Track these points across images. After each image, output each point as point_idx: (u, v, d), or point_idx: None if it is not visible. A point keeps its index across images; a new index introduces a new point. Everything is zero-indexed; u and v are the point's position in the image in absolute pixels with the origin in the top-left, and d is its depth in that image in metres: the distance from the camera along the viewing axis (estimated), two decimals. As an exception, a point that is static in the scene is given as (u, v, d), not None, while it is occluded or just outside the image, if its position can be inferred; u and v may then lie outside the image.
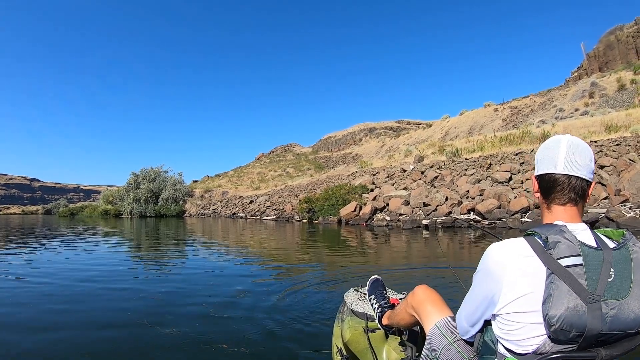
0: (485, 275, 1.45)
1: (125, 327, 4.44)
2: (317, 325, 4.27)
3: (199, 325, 4.38)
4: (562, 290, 1.25)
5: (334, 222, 20.95)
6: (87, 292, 6.30)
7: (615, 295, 1.26)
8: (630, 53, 55.04)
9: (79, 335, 4.19)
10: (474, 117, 54.92)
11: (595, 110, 35.84)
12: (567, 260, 1.29)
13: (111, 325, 4.52)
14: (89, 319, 4.79)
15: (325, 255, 10.25)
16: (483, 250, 1.50)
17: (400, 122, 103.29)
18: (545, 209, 1.56)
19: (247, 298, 5.59)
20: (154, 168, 57.48)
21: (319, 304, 5.18)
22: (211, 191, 59.12)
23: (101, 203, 60.43)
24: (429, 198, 17.72)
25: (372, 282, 2.83)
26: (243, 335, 4.01)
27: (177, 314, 4.85)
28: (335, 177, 35.70)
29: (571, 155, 1.47)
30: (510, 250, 1.39)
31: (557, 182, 1.49)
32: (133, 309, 5.15)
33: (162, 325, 4.39)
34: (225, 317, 4.67)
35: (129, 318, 4.76)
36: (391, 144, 67.60)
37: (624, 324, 1.27)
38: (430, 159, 28.76)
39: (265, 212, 32.89)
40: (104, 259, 10.49)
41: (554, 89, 54.31)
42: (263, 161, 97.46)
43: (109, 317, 4.85)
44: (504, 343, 1.44)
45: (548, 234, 1.36)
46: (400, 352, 2.28)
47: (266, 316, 4.65)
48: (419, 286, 2.04)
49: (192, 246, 13.71)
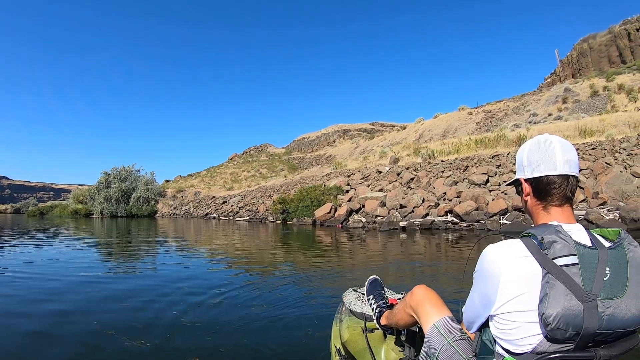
0: (482, 276, 1.45)
1: (87, 338, 3.94)
2: (315, 326, 4.22)
3: (175, 335, 3.97)
4: (558, 290, 1.25)
5: (309, 223, 20.65)
6: (46, 297, 5.77)
7: (611, 294, 1.27)
8: (602, 61, 56.28)
9: (29, 351, 3.66)
10: (448, 120, 55.21)
11: (568, 115, 36.29)
12: (563, 260, 1.28)
13: (71, 336, 4.00)
14: (44, 328, 4.29)
15: (310, 257, 10.04)
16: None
17: (374, 124, 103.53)
18: (541, 210, 1.53)
19: (234, 302, 5.36)
20: (126, 167, 56.26)
21: (317, 304, 5.13)
22: (183, 191, 58.42)
23: (71, 202, 59.05)
24: (406, 200, 17.48)
25: (370, 282, 2.77)
26: (239, 336, 3.93)
27: (148, 323, 4.38)
28: (309, 178, 35.38)
29: (567, 155, 1.48)
30: (507, 251, 1.38)
31: (556, 184, 1.48)
32: (96, 317, 4.63)
33: (130, 335, 3.91)
34: (207, 323, 4.37)
35: (92, 328, 4.24)
36: (365, 145, 67.48)
37: (621, 322, 1.27)
38: (405, 160, 28.63)
39: (238, 212, 32.49)
40: (67, 261, 9.85)
41: (527, 94, 54.92)
42: (236, 161, 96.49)
43: (69, 327, 4.32)
44: (501, 343, 1.44)
45: (544, 235, 1.35)
46: (399, 352, 2.27)
47: (262, 317, 4.56)
48: (417, 286, 2.00)
49: (164, 248, 13.29)
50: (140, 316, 4.67)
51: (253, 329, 4.19)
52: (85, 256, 10.99)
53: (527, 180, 1.56)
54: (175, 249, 12.53)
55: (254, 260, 9.89)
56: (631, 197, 12.86)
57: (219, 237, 16.79)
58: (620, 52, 55.39)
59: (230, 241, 14.92)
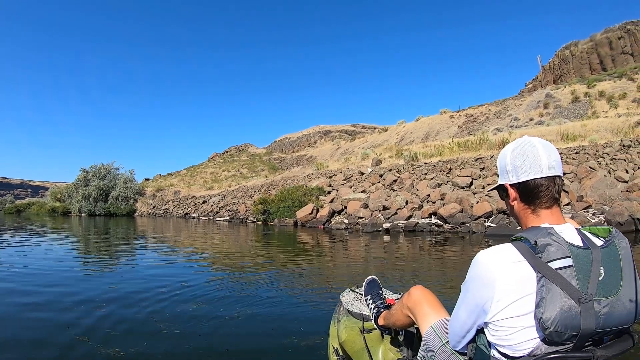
0: (475, 284, 1.42)
1: (58, 345, 3.64)
2: (312, 326, 4.22)
3: (158, 342, 3.76)
4: (554, 293, 1.24)
5: (290, 224, 20.38)
6: (14, 301, 5.45)
7: (607, 293, 1.28)
8: (583, 68, 57.16)
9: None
10: (429, 123, 55.40)
11: (550, 120, 36.61)
12: (558, 263, 1.28)
13: (41, 343, 3.72)
14: (12, 335, 3.99)
15: (298, 257, 10.03)
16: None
17: (356, 125, 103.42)
18: (530, 214, 1.51)
19: (227, 304, 5.27)
20: (105, 165, 55.34)
21: (314, 304, 5.10)
22: (163, 190, 57.83)
23: (49, 200, 58.51)
24: (389, 201, 17.27)
25: (368, 283, 2.75)
26: (236, 338, 3.92)
27: (130, 328, 4.16)
28: (290, 179, 35.21)
29: (551, 156, 1.47)
30: (500, 257, 1.37)
31: (543, 186, 1.46)
32: (70, 323, 4.33)
33: (106, 343, 3.66)
34: (200, 325, 4.26)
35: (64, 334, 3.95)
36: (346, 147, 67.40)
37: (618, 319, 1.29)
38: (387, 162, 28.59)
39: (218, 212, 32.16)
40: (40, 260, 9.52)
41: (509, 99, 55.27)
42: (217, 161, 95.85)
43: (40, 333, 4.03)
44: (498, 348, 1.42)
45: (537, 238, 1.34)
46: (397, 352, 2.26)
47: (257, 318, 4.52)
48: (414, 287, 2.01)
49: (142, 249, 12.98)
50: (120, 321, 4.41)
51: (249, 330, 4.16)
52: (59, 256, 10.65)
53: (512, 186, 1.53)
54: (154, 250, 12.23)
55: (241, 260, 9.71)
56: (615, 201, 12.83)
57: (199, 238, 16.57)
58: (601, 59, 56.38)
59: (212, 241, 14.71)
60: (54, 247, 13.06)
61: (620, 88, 42.15)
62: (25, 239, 15.54)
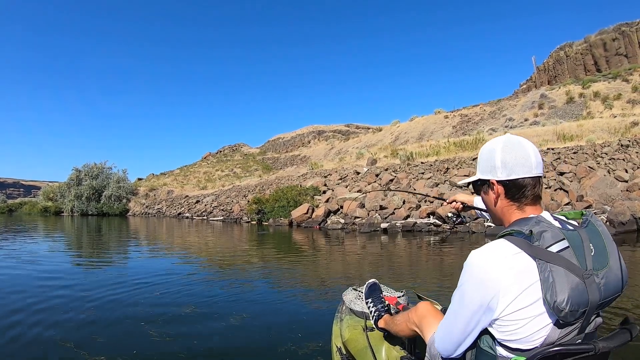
0: (475, 284, 1.41)
1: (46, 350, 3.52)
2: (315, 325, 4.24)
3: (154, 345, 3.70)
4: (561, 276, 1.29)
5: (285, 224, 20.14)
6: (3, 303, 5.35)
7: (600, 266, 1.36)
8: (578, 69, 57.23)
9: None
10: (424, 123, 55.32)
11: (545, 120, 36.60)
12: (556, 247, 1.33)
13: (29, 346, 3.61)
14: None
15: (298, 257, 9.98)
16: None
17: (350, 125, 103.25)
18: (515, 210, 1.56)
19: (228, 303, 5.21)
20: (97, 164, 54.97)
21: (316, 303, 5.13)
22: (156, 190, 57.33)
23: (41, 199, 58.11)
24: (386, 201, 17.09)
25: (369, 286, 2.77)
26: (240, 337, 3.93)
27: (126, 331, 4.10)
28: (285, 178, 35.00)
29: (538, 157, 1.53)
30: (497, 252, 1.39)
31: (530, 185, 1.52)
32: (58, 326, 4.22)
33: (93, 347, 3.51)
34: (206, 324, 4.28)
35: (51, 337, 3.83)
36: (340, 147, 67.28)
37: (614, 288, 1.38)
38: (383, 162, 28.41)
39: (212, 212, 31.94)
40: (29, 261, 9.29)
41: (503, 99, 55.28)
42: (210, 160, 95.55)
43: (28, 336, 3.90)
44: (509, 344, 1.41)
45: (531, 228, 1.39)
46: (400, 351, 2.28)
47: (259, 318, 4.51)
48: (422, 302, 2.02)
49: (135, 249, 12.80)
50: (111, 324, 4.32)
51: (252, 329, 4.17)
52: (51, 257, 10.53)
53: (499, 182, 1.56)
54: (147, 251, 12.05)
55: (236, 262, 9.56)
56: (616, 201, 12.71)
57: (193, 238, 16.40)
58: (595, 60, 56.42)
59: (206, 242, 14.53)
60: (43, 247, 12.85)
61: (615, 89, 42.19)
62: (13, 239, 15.27)
